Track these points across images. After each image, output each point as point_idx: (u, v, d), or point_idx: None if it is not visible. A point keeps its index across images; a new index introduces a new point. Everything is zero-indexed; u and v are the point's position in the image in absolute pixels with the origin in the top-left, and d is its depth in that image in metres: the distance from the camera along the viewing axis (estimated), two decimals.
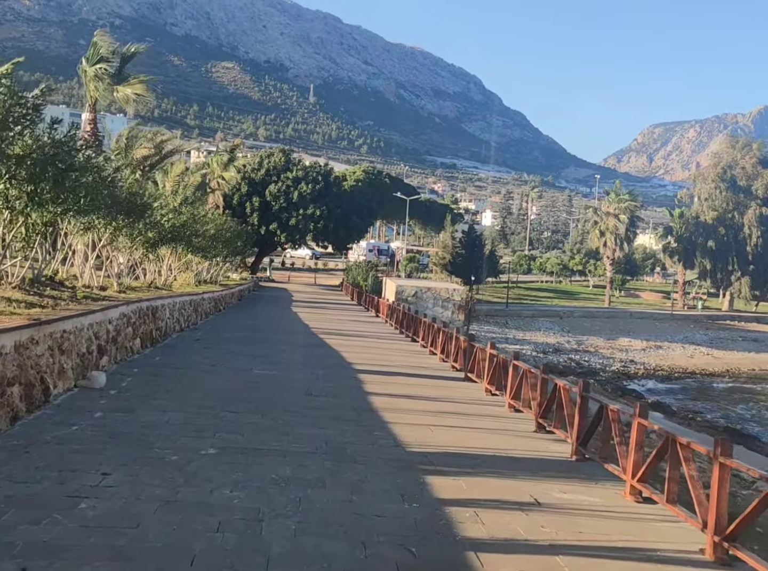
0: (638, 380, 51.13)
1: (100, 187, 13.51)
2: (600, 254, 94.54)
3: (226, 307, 33.50)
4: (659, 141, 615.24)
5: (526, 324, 66.88)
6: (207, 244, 30.27)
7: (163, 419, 9.45)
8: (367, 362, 17.44)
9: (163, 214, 21.64)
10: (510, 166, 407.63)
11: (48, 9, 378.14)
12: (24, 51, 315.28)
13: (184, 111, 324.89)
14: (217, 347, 18.12)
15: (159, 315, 17.67)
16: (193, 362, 14.83)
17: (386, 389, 13.53)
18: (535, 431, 10.95)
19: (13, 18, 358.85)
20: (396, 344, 23.08)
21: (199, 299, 24.89)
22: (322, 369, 15.59)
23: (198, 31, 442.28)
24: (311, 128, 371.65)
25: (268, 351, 18.09)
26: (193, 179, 41.42)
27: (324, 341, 21.36)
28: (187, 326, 22.15)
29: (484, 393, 14.21)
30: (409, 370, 16.88)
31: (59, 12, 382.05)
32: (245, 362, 15.70)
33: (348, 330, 26.34)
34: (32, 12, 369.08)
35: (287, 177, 57.63)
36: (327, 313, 35.22)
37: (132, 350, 14.77)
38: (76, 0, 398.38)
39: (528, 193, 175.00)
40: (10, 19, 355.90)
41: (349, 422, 10.39)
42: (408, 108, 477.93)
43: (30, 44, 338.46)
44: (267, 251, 66.95)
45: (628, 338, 64.17)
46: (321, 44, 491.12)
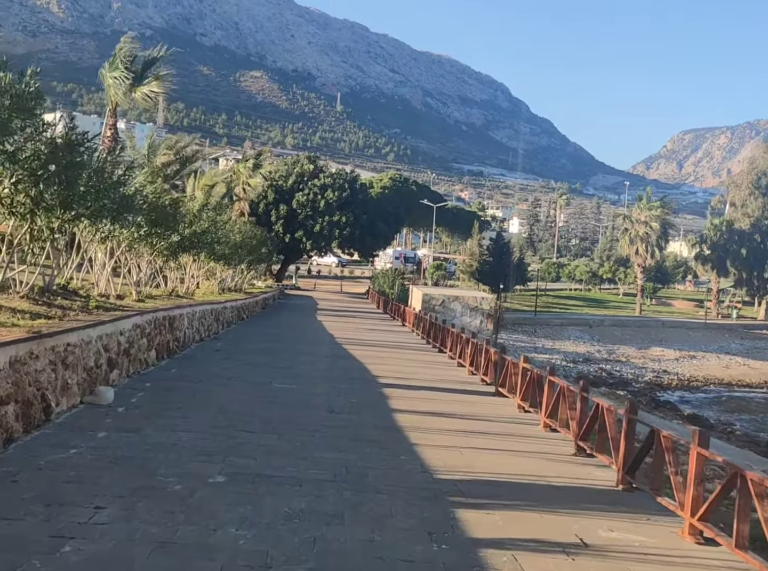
0: (672, 390, 49.75)
1: (110, 190, 12.90)
2: (630, 262, 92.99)
3: (250, 315, 32.91)
4: (689, 148, 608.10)
5: (555, 333, 65.64)
6: (230, 251, 29.71)
7: (170, 441, 8.72)
8: (393, 374, 16.64)
9: (183, 221, 21.09)
10: (537, 174, 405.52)
11: (81, 21, 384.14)
12: (57, 62, 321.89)
13: (212, 120, 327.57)
14: (237, 358, 17.43)
15: (177, 325, 17.03)
16: (209, 375, 14.13)
17: (412, 405, 12.72)
18: (575, 455, 10.06)
19: (47, 30, 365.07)
20: (423, 355, 22.26)
21: (220, 307, 24.29)
22: (345, 383, 14.83)
23: (227, 41, 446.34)
24: (338, 137, 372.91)
25: (290, 363, 17.37)
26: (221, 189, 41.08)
27: (348, 352, 20.60)
28: (207, 335, 21.52)
29: (516, 410, 13.33)
30: (436, 383, 16.05)
31: (92, 24, 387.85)
32: (265, 374, 14.98)
33: (373, 340, 25.58)
34: (66, 24, 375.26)
35: (314, 184, 57.15)
36: (352, 322, 34.50)
37: (146, 362, 14.12)
38: (108, 12, 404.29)
39: (556, 200, 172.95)
40: (44, 31, 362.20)
41: (372, 444, 9.59)
42: (435, 116, 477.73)
43: (63, 55, 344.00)
44: (293, 259, 66.53)
45: (661, 348, 62.68)
46: (348, 53, 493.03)
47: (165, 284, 23.75)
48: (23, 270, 11.98)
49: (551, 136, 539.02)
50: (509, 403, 14.03)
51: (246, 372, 15.02)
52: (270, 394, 12.65)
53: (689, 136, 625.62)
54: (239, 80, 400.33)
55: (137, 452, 8.09)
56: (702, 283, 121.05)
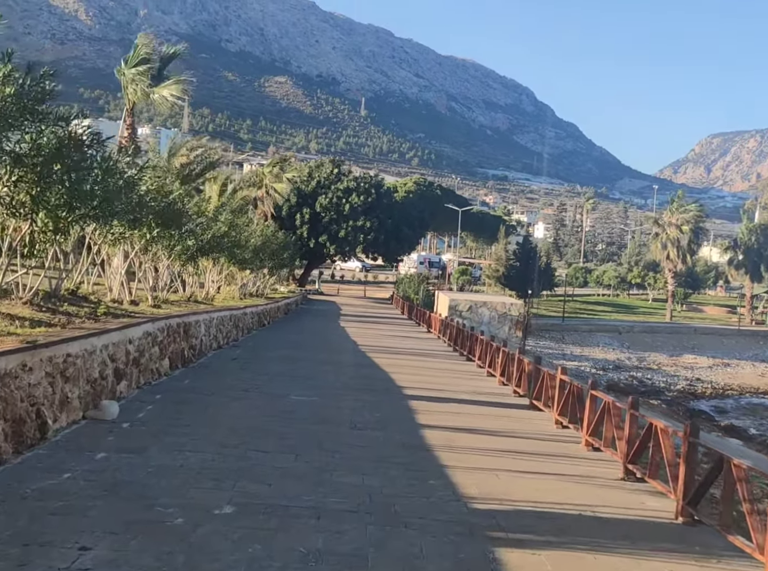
0: (706, 399, 48.23)
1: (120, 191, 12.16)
2: (660, 266, 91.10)
3: (272, 321, 32.17)
4: (717, 151, 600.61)
5: (584, 339, 64.22)
6: (250, 255, 29.00)
7: (176, 463, 7.88)
8: (419, 384, 15.73)
9: (199, 223, 20.38)
10: (562, 178, 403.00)
11: (108, 28, 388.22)
12: (85, 69, 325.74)
13: (237, 125, 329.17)
14: (255, 367, 16.62)
15: (192, 332, 16.26)
16: (225, 386, 13.31)
17: (441, 420, 11.80)
18: (623, 479, 9.07)
19: (75, 37, 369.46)
20: (450, 364, 21.30)
21: (240, 313, 23.53)
22: (369, 394, 13.93)
23: (252, 46, 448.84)
24: (362, 141, 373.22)
25: (310, 372, 16.52)
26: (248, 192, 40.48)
27: (372, 360, 19.71)
28: (226, 342, 20.76)
29: (553, 425, 12.34)
30: (465, 395, 15.10)
31: (119, 31, 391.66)
32: (283, 385, 14.13)
33: (398, 347, 24.66)
34: (93, 31, 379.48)
35: (338, 188, 56.41)
36: (376, 328, 33.63)
37: (158, 372, 13.34)
38: (135, 19, 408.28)
39: (583, 204, 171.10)
40: (72, 38, 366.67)
41: (399, 466, 8.68)
42: (459, 120, 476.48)
43: (91, 62, 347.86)
44: (316, 264, 65.86)
45: (693, 355, 61.03)
46: (373, 58, 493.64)
47: (183, 289, 23.07)
48: (27, 273, 11.25)
49: (577, 140, 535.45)
50: (545, 417, 13.05)
51: (263, 383, 14.18)
52: (288, 407, 11.78)
53: (717, 139, 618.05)
54: (264, 86, 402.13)
55: (138, 477, 7.26)
56: (733, 288, 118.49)
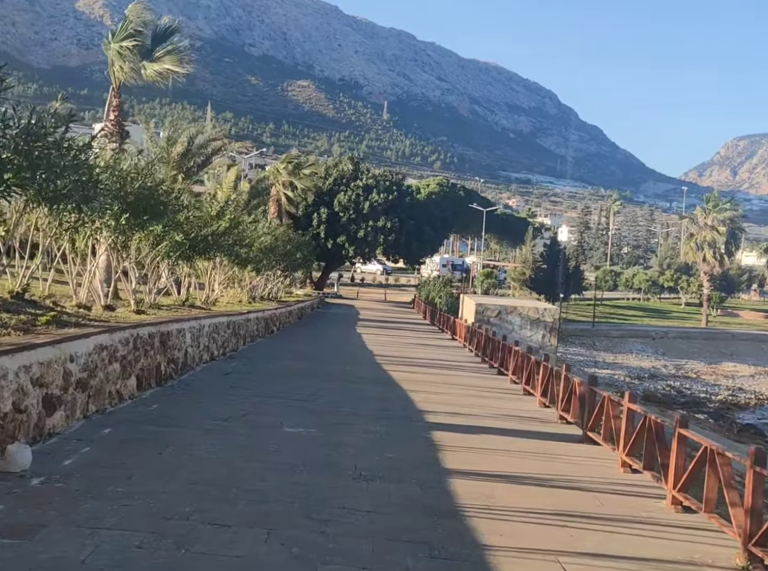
0: (751, 411, 44.94)
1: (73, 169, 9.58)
2: (693, 269, 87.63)
3: (282, 327, 29.56)
4: (744, 154, 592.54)
5: (615, 345, 61.05)
6: (257, 256, 26.41)
7: (79, 556, 5.17)
8: (444, 407, 12.98)
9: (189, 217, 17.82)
10: (586, 181, 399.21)
11: None
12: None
13: (260, 129, 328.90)
14: (249, 384, 13.91)
15: (173, 343, 13.62)
16: (201, 413, 10.59)
17: (474, 463, 9.02)
18: (747, 569, 6.23)
19: (101, 43, 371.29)
20: (479, 379, 18.45)
21: (241, 319, 20.88)
22: (382, 423, 11.15)
23: (275, 50, 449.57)
24: (385, 145, 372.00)
25: (314, 391, 13.79)
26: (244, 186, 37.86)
27: (389, 375, 16.95)
28: (222, 353, 18.12)
29: (619, 469, 9.48)
30: (500, 421, 12.31)
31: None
32: (277, 411, 11.40)
33: (420, 358, 21.87)
34: None
35: (357, 186, 53.73)
36: (396, 335, 30.89)
37: (119, 395, 10.68)
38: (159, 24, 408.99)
39: (609, 206, 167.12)
40: (97, 44, 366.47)
41: (420, 548, 5.91)
42: (482, 123, 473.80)
43: None
44: (334, 266, 63.26)
45: (733, 363, 57.62)
46: (395, 61, 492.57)
47: (178, 292, 20.51)
48: None
49: (600, 143, 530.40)
50: (605, 455, 10.20)
51: (253, 408, 11.44)
52: (275, 446, 9.01)
53: (743, 142, 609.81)
54: (287, 90, 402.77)
55: None
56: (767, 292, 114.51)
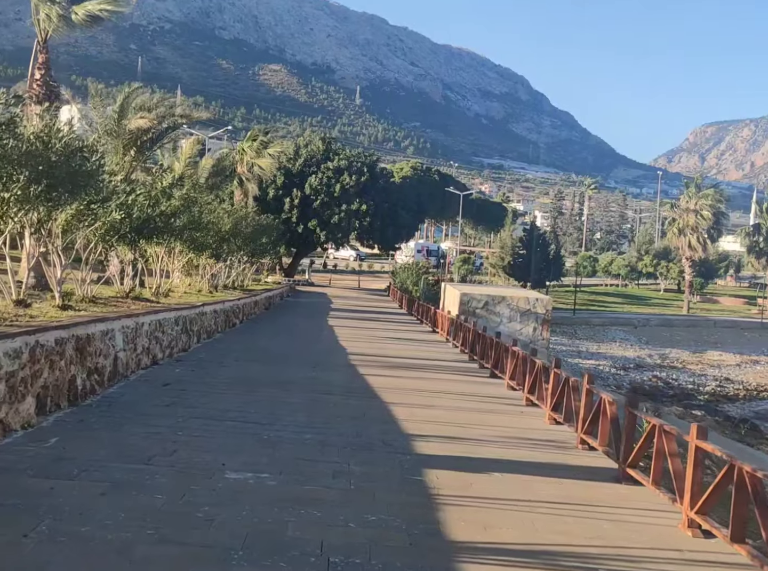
0: (741, 402, 43.08)
1: None
2: (672, 255, 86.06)
3: (246, 319, 26.76)
4: (711, 140, 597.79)
5: (597, 334, 58.92)
6: (216, 240, 23.61)
7: None
8: (435, 428, 10.38)
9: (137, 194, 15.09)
10: (558, 167, 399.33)
11: None
12: (77, 56, 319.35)
13: (231, 113, 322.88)
14: (192, 399, 11.14)
15: (96, 348, 10.83)
16: (113, 452, 7.81)
17: (490, 527, 6.42)
18: None
19: None
20: (471, 384, 15.81)
21: (194, 313, 18.06)
22: (360, 458, 8.48)
23: (246, 34, 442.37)
24: (357, 130, 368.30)
25: (274, 407, 11.08)
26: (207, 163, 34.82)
27: (365, 381, 14.30)
28: (168, 355, 15.34)
29: (684, 531, 6.92)
30: (508, 449, 9.71)
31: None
32: (221, 442, 8.67)
33: (400, 356, 19.21)
34: None
35: (328, 167, 50.76)
36: (372, 327, 28.22)
37: (4, 426, 7.91)
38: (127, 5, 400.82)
39: (584, 191, 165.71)
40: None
41: None
42: (455, 109, 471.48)
43: (83, 50, 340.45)
44: (306, 252, 60.32)
45: (718, 351, 55.77)
46: (367, 46, 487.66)
47: (121, 283, 17.65)
48: None
49: (572, 129, 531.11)
50: (659, 504, 7.64)
51: (189, 438, 8.70)
52: (206, 510, 6.27)
53: (711, 128, 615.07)
54: (258, 74, 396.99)
55: None
56: (743, 278, 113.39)
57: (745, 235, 74.82)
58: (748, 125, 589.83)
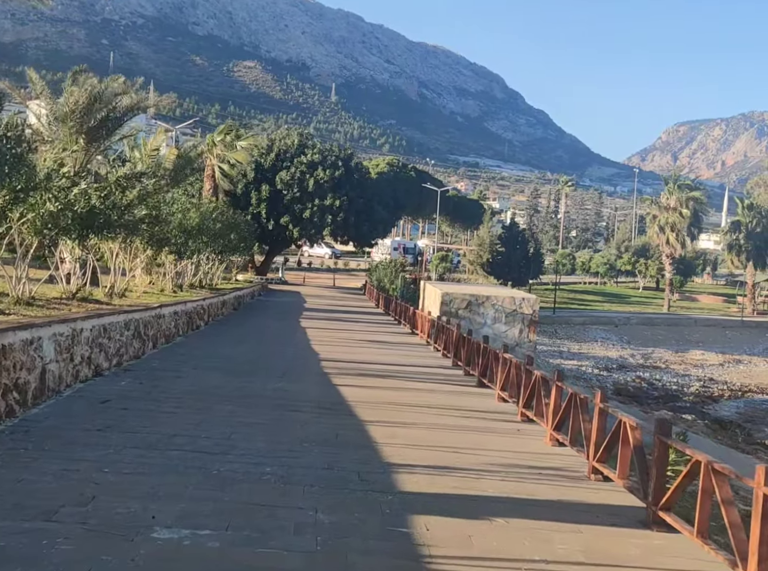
0: (724, 402, 42.07)
1: None
2: (650, 253, 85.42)
3: (212, 320, 24.97)
4: (684, 139, 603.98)
5: (578, 333, 57.73)
6: (181, 235, 21.84)
7: None
8: (421, 455, 8.76)
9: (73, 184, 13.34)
10: (533, 165, 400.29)
11: (71, 9, 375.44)
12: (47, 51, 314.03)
13: (206, 110, 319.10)
14: (132, 421, 9.39)
15: (16, 361, 9.03)
16: (12, 500, 6.10)
17: None
18: None
19: (36, 18, 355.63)
20: (457, 396, 14.10)
21: (149, 316, 16.26)
22: (329, 501, 6.79)
23: (220, 30, 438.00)
24: (333, 127, 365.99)
25: (230, 430, 9.35)
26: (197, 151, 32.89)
27: (340, 395, 12.62)
28: (117, 363, 13.57)
29: None
30: (509, 481, 8.09)
31: (82, 11, 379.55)
32: (155, 482, 6.94)
33: (377, 363, 17.53)
34: (55, 12, 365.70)
35: (301, 162, 48.89)
36: (347, 329, 26.54)
37: None
38: (99, 0, 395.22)
39: (560, 188, 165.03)
40: (33, 19, 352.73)
41: None
42: (430, 107, 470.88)
43: (53, 44, 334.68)
44: (279, 249, 58.39)
45: (700, 351, 54.81)
46: (343, 43, 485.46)
47: (67, 281, 15.83)
48: None
49: (547, 127, 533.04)
50: (704, 558, 6.09)
51: (116, 476, 6.97)
52: None
53: (684, 127, 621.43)
54: (233, 70, 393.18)
55: None
56: (719, 276, 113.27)
57: (725, 233, 74.04)
58: (719, 125, 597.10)
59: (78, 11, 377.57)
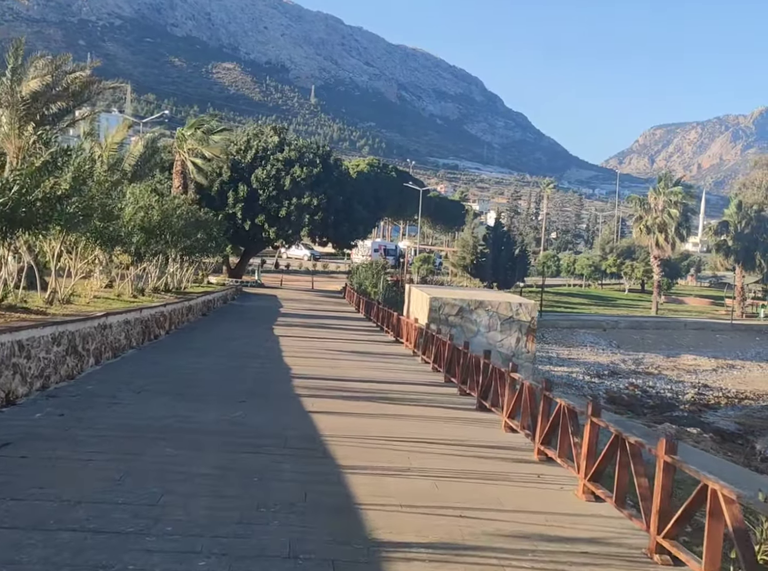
0: (722, 411, 40.20)
1: None
2: (636, 254, 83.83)
3: (175, 328, 22.48)
4: (660, 143, 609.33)
5: (566, 337, 55.68)
6: (134, 233, 19.36)
7: None
8: (416, 521, 6.42)
9: None
10: (512, 168, 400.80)
11: (47, 9, 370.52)
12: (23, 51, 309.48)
13: (184, 112, 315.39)
14: (24, 479, 6.92)
15: None
16: None
17: None
18: None
19: (12, 18, 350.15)
20: (455, 423, 11.63)
21: (90, 327, 13.75)
22: None
23: (199, 31, 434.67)
24: (313, 129, 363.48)
25: (157, 490, 6.95)
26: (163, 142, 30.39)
27: (312, 424, 10.21)
28: (42, 386, 11.10)
29: None
30: (540, 563, 5.79)
31: (58, 12, 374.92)
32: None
33: (359, 380, 15.10)
34: (31, 12, 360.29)
35: (277, 159, 46.38)
36: (325, 337, 24.11)
37: None
38: (76, 0, 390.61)
39: (543, 190, 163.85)
40: (9, 19, 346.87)
41: None
42: (410, 109, 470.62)
43: (29, 44, 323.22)
44: (255, 250, 55.81)
45: (693, 356, 52.92)
46: (322, 45, 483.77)
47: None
48: None
49: (525, 130, 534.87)
50: None
51: None
52: None
53: (660, 131, 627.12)
54: (211, 72, 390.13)
55: None
56: (703, 278, 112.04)
57: (713, 234, 72.42)
58: (695, 128, 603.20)
59: (54, 12, 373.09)
